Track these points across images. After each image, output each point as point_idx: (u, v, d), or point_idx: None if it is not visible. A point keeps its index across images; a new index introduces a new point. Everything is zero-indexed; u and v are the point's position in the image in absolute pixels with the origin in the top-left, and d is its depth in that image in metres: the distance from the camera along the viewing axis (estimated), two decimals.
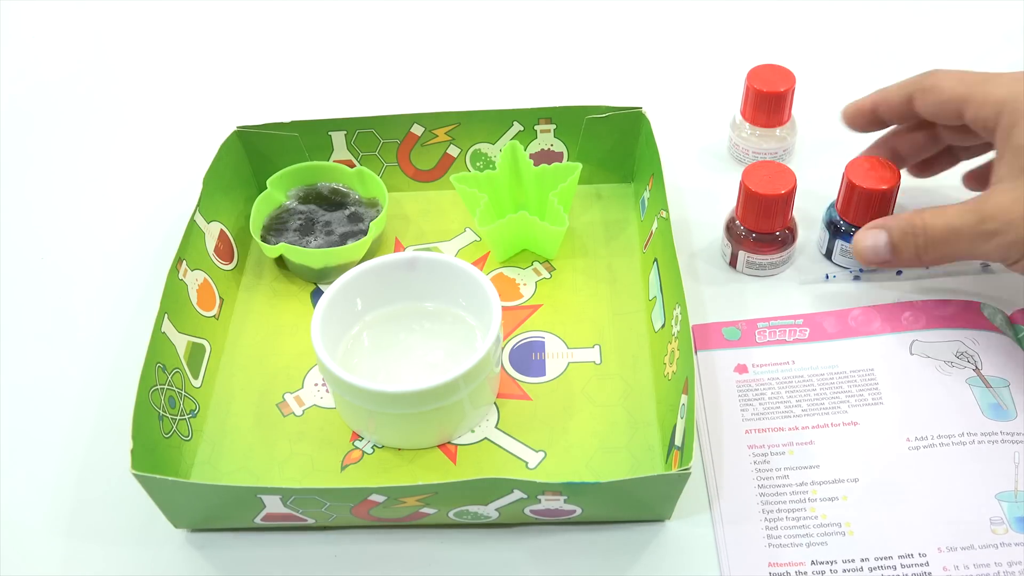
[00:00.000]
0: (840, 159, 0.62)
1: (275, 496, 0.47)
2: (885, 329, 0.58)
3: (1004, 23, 0.82)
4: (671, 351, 0.54)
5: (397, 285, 0.58)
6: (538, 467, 0.53)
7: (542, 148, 0.67)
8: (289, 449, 0.55)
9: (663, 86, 0.77)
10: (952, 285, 0.61)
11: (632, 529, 0.51)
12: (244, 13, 0.88)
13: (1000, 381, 0.55)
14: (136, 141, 0.76)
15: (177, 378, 0.55)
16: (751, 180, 0.59)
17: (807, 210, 0.66)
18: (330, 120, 0.66)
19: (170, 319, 0.55)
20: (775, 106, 0.67)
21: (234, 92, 0.80)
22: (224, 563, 0.51)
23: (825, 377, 0.56)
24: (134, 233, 0.68)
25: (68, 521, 0.53)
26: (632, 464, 0.53)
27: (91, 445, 0.56)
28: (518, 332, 0.60)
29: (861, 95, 0.61)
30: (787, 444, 0.53)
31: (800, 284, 0.62)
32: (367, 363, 0.56)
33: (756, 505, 0.51)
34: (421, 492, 0.47)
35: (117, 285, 0.65)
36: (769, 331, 0.59)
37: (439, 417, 0.53)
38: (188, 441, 0.54)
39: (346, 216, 0.64)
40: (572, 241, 0.65)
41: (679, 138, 0.72)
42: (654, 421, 0.55)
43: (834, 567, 0.48)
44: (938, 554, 0.48)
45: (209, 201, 0.62)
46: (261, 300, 0.63)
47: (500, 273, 0.64)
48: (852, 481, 0.52)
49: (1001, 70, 0.56)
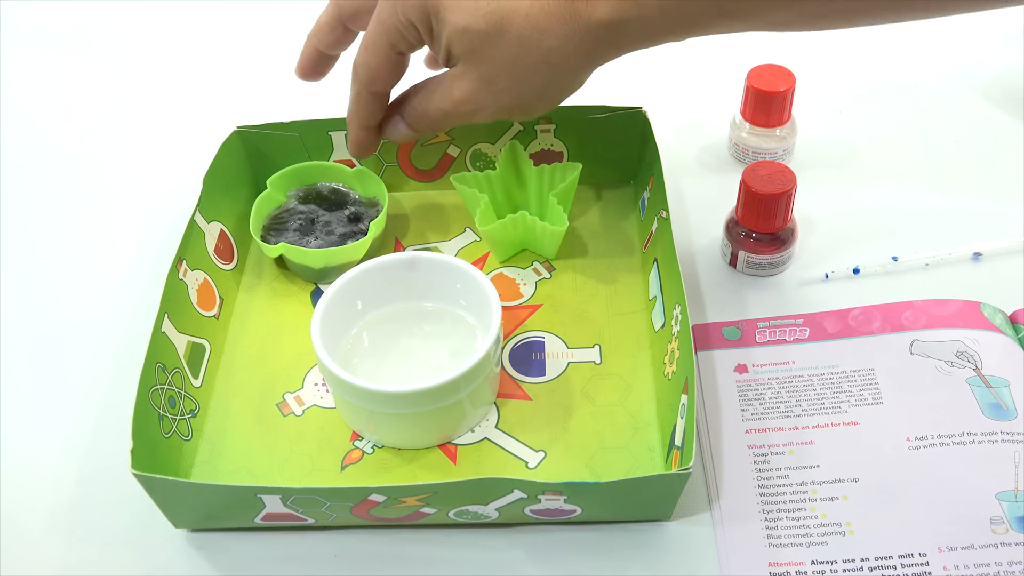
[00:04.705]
0: (840, 159, 0.62)
1: (275, 496, 0.47)
2: (885, 329, 0.58)
3: (1004, 23, 0.82)
4: (671, 351, 0.54)
5: (397, 285, 0.58)
6: (538, 467, 0.53)
7: (542, 148, 0.67)
8: (289, 449, 0.55)
9: (663, 86, 0.77)
10: (952, 285, 0.61)
11: (632, 529, 0.51)
12: (244, 13, 0.88)
13: (1000, 381, 0.55)
14: (136, 141, 0.76)
15: (177, 378, 0.55)
16: (751, 180, 0.59)
17: (807, 210, 0.66)
18: (330, 120, 0.66)
19: (170, 319, 0.55)
20: (775, 106, 0.67)
21: (234, 92, 0.80)
22: (224, 563, 0.51)
23: (825, 377, 0.56)
24: (134, 233, 0.68)
25: (68, 521, 0.53)
26: (632, 464, 0.53)
27: (91, 445, 0.56)
28: (518, 332, 0.60)
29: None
30: (787, 444, 0.53)
31: (800, 284, 0.62)
32: (367, 363, 0.56)
33: (756, 505, 0.51)
34: (421, 492, 0.47)
35: (117, 285, 0.65)
36: (769, 331, 0.59)
37: (439, 417, 0.53)
38: (188, 441, 0.54)
39: (346, 216, 0.64)
40: (572, 241, 0.65)
41: (679, 138, 0.72)
42: (654, 421, 0.55)
43: (834, 567, 0.48)
44: (938, 554, 0.48)
45: (209, 201, 0.62)
46: (261, 300, 0.63)
47: (500, 273, 0.64)
48: (852, 481, 0.52)
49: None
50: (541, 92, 0.54)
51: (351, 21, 0.58)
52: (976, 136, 0.72)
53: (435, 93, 0.56)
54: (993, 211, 0.66)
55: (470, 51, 0.52)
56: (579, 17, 0.50)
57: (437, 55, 0.55)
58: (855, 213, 0.67)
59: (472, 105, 0.54)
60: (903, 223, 0.66)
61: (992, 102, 0.75)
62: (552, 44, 0.51)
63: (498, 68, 0.52)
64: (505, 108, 0.55)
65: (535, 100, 0.55)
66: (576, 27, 0.50)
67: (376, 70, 0.56)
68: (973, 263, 0.63)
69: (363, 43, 0.56)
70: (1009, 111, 0.74)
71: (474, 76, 0.53)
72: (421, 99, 0.57)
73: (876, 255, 0.63)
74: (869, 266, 0.62)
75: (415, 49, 0.56)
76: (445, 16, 0.52)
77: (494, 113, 0.55)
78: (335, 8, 0.58)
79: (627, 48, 0.52)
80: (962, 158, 0.71)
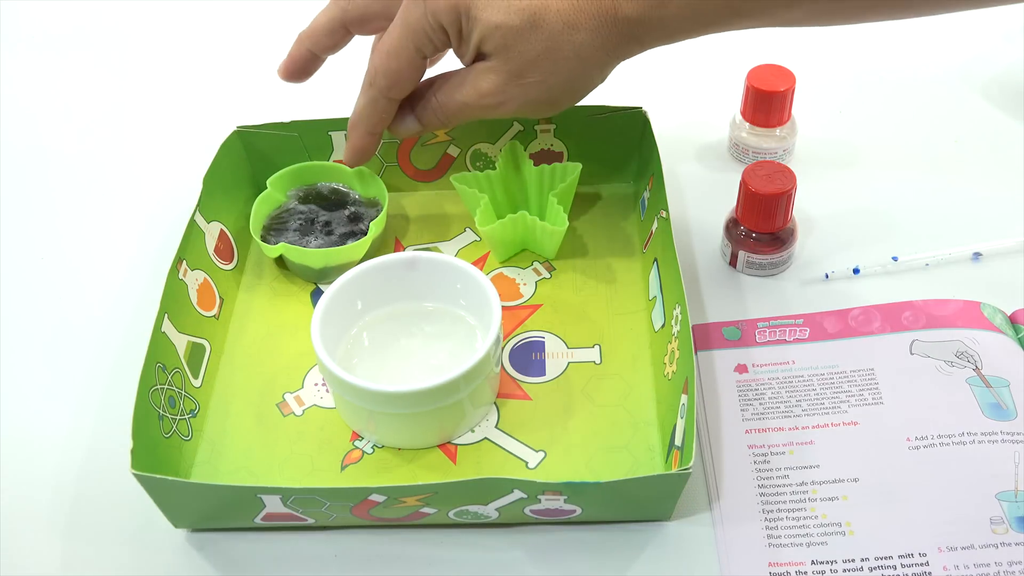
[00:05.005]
0: (840, 159, 0.62)
1: (275, 496, 0.47)
2: (885, 329, 0.58)
3: (1004, 23, 0.82)
4: (671, 351, 0.54)
5: (397, 285, 0.58)
6: (538, 467, 0.53)
7: (542, 148, 0.67)
8: (289, 449, 0.55)
9: (663, 86, 0.77)
10: (952, 285, 0.61)
11: (632, 529, 0.51)
12: (244, 13, 0.88)
13: (1000, 381, 0.55)
14: (136, 141, 0.76)
15: (177, 378, 0.55)
16: (751, 180, 0.59)
17: (807, 210, 0.66)
18: (330, 120, 0.66)
19: (170, 319, 0.55)
20: (775, 106, 0.67)
21: (234, 92, 0.80)
22: (224, 563, 0.51)
23: (825, 377, 0.56)
24: (134, 233, 0.68)
25: (68, 521, 0.53)
26: (632, 464, 0.53)
27: (91, 445, 0.56)
28: (518, 332, 0.60)
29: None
30: (787, 444, 0.53)
31: (800, 284, 0.62)
32: (367, 363, 0.56)
33: (756, 505, 0.51)
34: (421, 492, 0.47)
35: (117, 285, 0.65)
36: (769, 331, 0.59)
37: (439, 417, 0.53)
38: (188, 441, 0.54)
39: (346, 216, 0.64)
40: (572, 241, 0.65)
41: (679, 138, 0.72)
42: (654, 421, 0.55)
43: (834, 567, 0.48)
44: (938, 554, 0.48)
45: (209, 201, 0.62)
46: (261, 300, 0.63)
47: (500, 273, 0.64)
48: (852, 481, 0.52)
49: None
50: (569, 85, 0.55)
51: (356, 26, 0.58)
52: (976, 136, 0.72)
53: (462, 87, 0.56)
54: (993, 211, 0.66)
55: (503, 47, 0.53)
56: (608, 13, 0.52)
57: (463, 56, 0.56)
58: (855, 213, 0.67)
59: (498, 98, 0.55)
60: (903, 223, 0.66)
61: (992, 101, 0.75)
62: (582, 39, 0.53)
63: (529, 62, 0.53)
64: (532, 102, 0.55)
65: (562, 94, 0.56)
66: (605, 22, 0.52)
67: (398, 75, 0.56)
68: (973, 263, 0.63)
69: (382, 48, 0.55)
70: (1009, 110, 0.74)
71: (503, 71, 0.54)
72: (442, 93, 0.57)
73: (876, 255, 0.63)
74: (869, 266, 0.62)
75: (439, 52, 0.56)
76: (477, 15, 0.53)
77: (520, 106, 0.56)
78: (338, 11, 0.58)
79: (648, 44, 0.54)
80: (962, 158, 0.71)
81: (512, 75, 0.54)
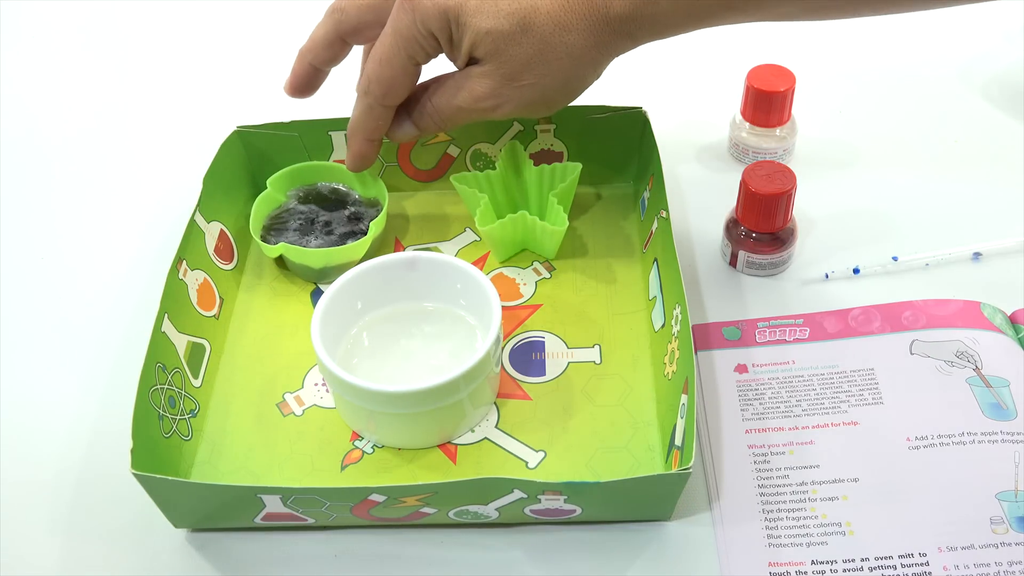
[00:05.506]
0: (840, 159, 0.62)
1: (275, 496, 0.47)
2: (885, 329, 0.58)
3: (1004, 23, 0.82)
4: (671, 351, 0.54)
5: (397, 285, 0.58)
6: (538, 467, 0.53)
7: (542, 148, 0.67)
8: (289, 449, 0.55)
9: (663, 86, 0.77)
10: (952, 285, 0.61)
11: (632, 529, 0.51)
12: (244, 13, 0.88)
13: (1000, 381, 0.55)
14: (136, 141, 0.76)
15: (177, 378, 0.55)
16: (751, 180, 0.59)
17: (807, 210, 0.66)
18: (330, 120, 0.66)
19: (170, 319, 0.55)
20: (775, 106, 0.67)
21: (234, 92, 0.80)
22: (224, 563, 0.51)
23: (825, 377, 0.56)
24: (134, 233, 0.68)
25: (68, 521, 0.53)
26: (632, 464, 0.53)
27: (91, 445, 0.56)
28: (518, 332, 0.60)
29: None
30: (787, 444, 0.54)
31: (800, 284, 0.62)
32: (367, 363, 0.56)
33: (756, 505, 0.51)
34: (421, 492, 0.47)
35: (117, 285, 0.65)
36: (769, 331, 0.59)
37: (439, 417, 0.53)
38: (188, 441, 0.54)
39: (346, 216, 0.64)
40: (572, 241, 0.65)
41: (679, 138, 0.72)
42: (654, 421, 0.55)
43: (834, 567, 0.48)
44: (938, 554, 0.48)
45: (209, 201, 0.62)
46: (261, 300, 0.63)
47: (500, 273, 0.64)
48: (852, 481, 0.52)
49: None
50: (563, 85, 0.55)
51: (351, 36, 0.58)
52: (976, 136, 0.72)
53: (458, 91, 0.56)
54: (993, 211, 0.66)
55: (494, 52, 0.53)
56: (598, 12, 0.52)
57: (455, 60, 0.56)
58: (855, 213, 0.67)
59: (493, 101, 0.55)
60: (903, 223, 0.66)
61: (992, 101, 0.75)
62: (573, 39, 0.53)
63: (521, 65, 0.53)
64: (527, 103, 0.55)
65: (557, 94, 0.56)
66: (596, 21, 0.53)
67: (391, 82, 0.56)
68: (973, 263, 0.63)
69: (375, 57, 0.56)
70: (1009, 110, 0.74)
71: (497, 75, 0.54)
72: (437, 98, 0.57)
73: (876, 255, 0.63)
74: (869, 266, 0.62)
75: (431, 58, 0.56)
76: (466, 21, 0.52)
77: (516, 108, 0.56)
78: (333, 24, 0.58)
79: (641, 40, 0.54)
80: (962, 158, 0.71)
81: (506, 79, 0.54)
